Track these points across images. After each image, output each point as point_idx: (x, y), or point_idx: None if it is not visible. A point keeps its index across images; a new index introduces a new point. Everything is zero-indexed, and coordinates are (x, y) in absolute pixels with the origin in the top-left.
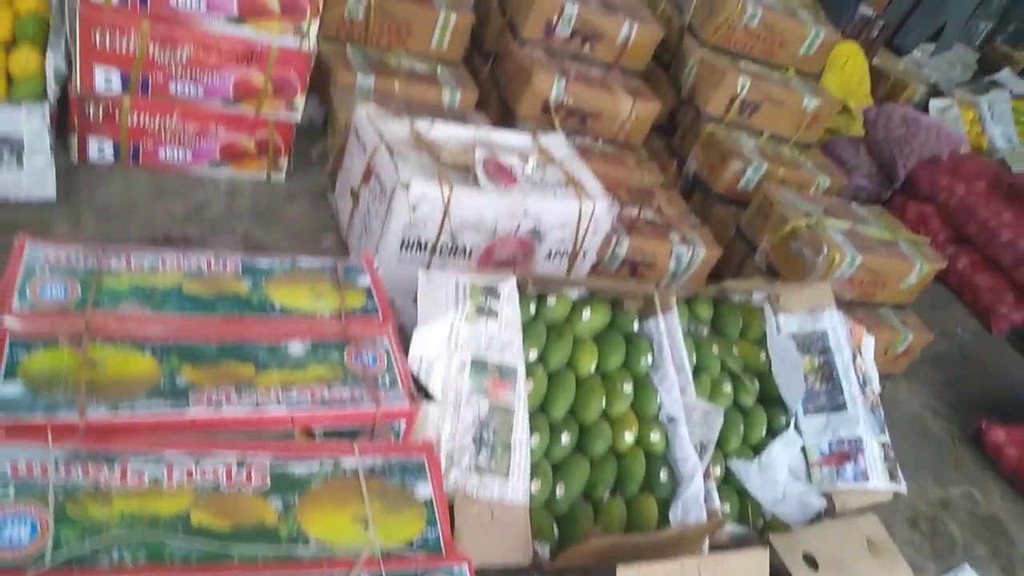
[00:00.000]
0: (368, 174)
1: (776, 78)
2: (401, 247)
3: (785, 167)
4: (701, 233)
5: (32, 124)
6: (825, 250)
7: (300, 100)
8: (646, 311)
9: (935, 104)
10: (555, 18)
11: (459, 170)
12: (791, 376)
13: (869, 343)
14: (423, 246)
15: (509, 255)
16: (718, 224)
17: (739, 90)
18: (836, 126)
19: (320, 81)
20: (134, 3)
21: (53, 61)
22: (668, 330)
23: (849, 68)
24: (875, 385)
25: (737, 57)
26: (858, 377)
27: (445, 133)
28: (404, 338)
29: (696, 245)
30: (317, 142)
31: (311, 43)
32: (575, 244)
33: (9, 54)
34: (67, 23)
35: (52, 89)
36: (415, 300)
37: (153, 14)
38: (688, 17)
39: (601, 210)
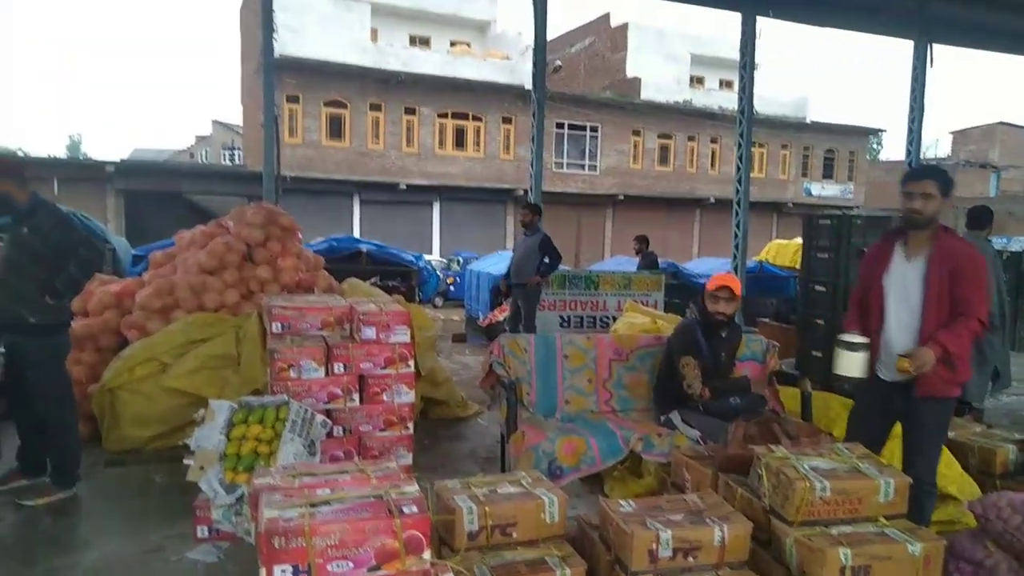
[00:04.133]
0: None
1: (872, 533)
2: None
3: None
4: None
5: None
6: None
7: None
8: None
9: None
10: (654, 545)
11: None
12: None
13: None
14: None
15: None
16: None
17: (844, 561)
18: (951, 517)
19: None
20: None
21: None
22: None
23: None
24: None
25: (828, 524)
26: None
27: None
28: None
29: None
30: None
31: None
32: None
33: None
34: None
35: None
36: None
37: None
38: (766, 502)
39: None
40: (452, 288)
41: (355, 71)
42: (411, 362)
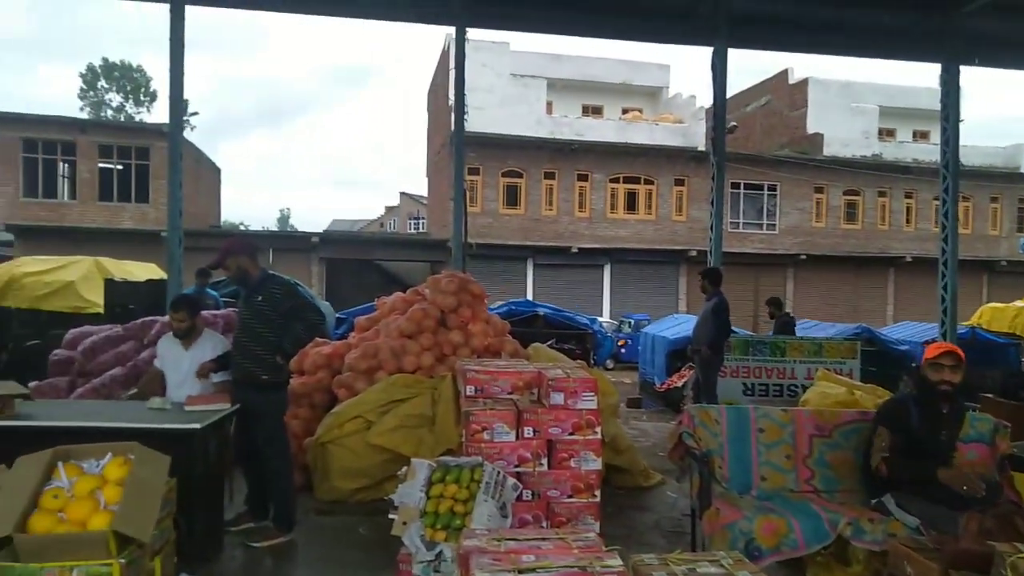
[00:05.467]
0: None
1: None
2: None
3: None
4: None
5: None
6: None
7: None
8: None
9: None
10: None
11: None
12: None
13: None
14: None
15: None
16: None
17: None
18: None
19: None
20: None
21: None
22: None
23: None
24: None
25: None
26: None
27: None
28: None
29: None
30: None
31: None
32: None
33: None
34: None
35: None
36: None
37: None
38: None
39: None
40: (623, 351)
41: (531, 142)
42: (598, 429)
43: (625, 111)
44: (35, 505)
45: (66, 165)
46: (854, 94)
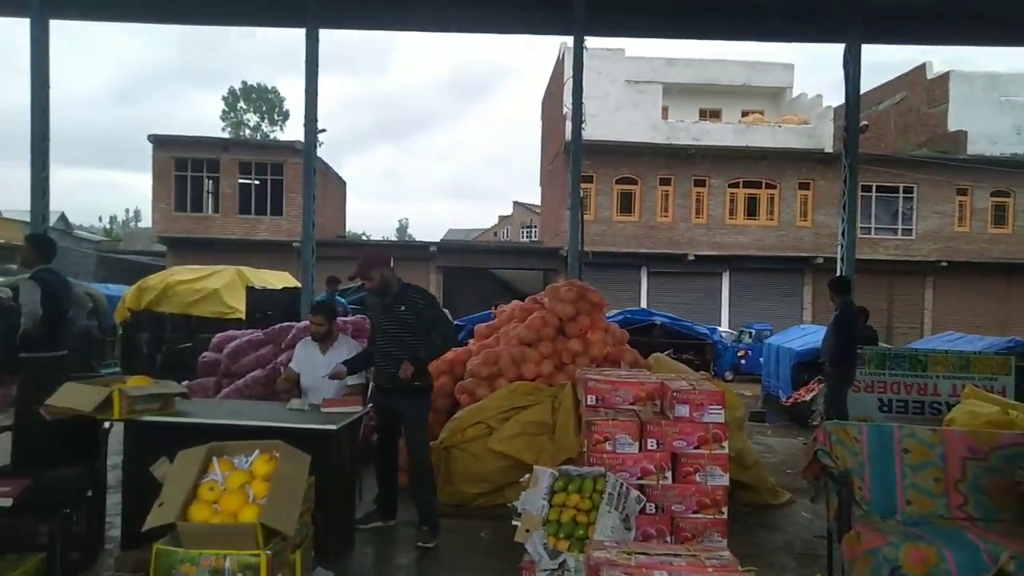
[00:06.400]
0: None
1: None
2: None
3: None
4: None
5: None
6: None
7: None
8: None
9: None
10: None
11: None
12: None
13: None
14: None
15: None
16: None
17: None
18: None
19: None
20: None
21: None
22: None
23: None
24: None
25: None
26: None
27: None
28: None
29: None
30: None
31: None
32: None
33: None
34: None
35: None
36: None
37: None
38: None
39: None
40: (743, 362)
41: (646, 148)
42: (725, 443)
43: (745, 113)
44: (194, 496)
45: (211, 181)
46: (1002, 87)
